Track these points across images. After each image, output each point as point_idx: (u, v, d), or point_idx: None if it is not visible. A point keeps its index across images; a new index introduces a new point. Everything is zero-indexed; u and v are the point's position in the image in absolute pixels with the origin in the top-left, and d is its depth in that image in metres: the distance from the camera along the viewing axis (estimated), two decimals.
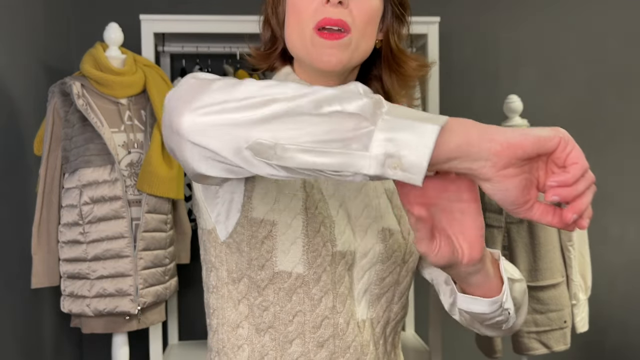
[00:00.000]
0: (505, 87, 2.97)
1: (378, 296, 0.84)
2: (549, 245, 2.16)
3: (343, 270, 0.80)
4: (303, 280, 0.78)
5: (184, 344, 2.74)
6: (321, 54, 0.80)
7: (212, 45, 2.58)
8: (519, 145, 0.55)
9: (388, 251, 0.83)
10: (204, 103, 0.57)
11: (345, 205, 0.83)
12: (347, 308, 0.80)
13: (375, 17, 0.85)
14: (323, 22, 0.79)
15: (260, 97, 0.56)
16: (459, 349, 3.01)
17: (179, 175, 2.13)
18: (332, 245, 0.79)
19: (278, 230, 0.78)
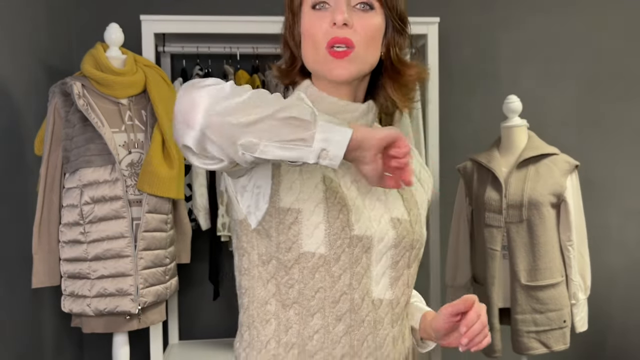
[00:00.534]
0: (504, 88, 2.98)
1: (395, 279, 0.97)
2: (548, 245, 2.16)
3: (360, 252, 0.93)
4: (325, 259, 0.91)
5: (184, 344, 2.74)
6: (333, 69, 0.95)
7: (212, 46, 2.59)
8: (383, 138, 0.82)
9: (399, 237, 0.97)
10: (216, 110, 0.77)
11: (360, 197, 0.96)
12: (363, 286, 0.93)
13: (377, 33, 0.97)
14: (332, 42, 0.94)
15: (250, 107, 0.78)
16: (458, 349, 3.01)
17: (179, 175, 2.14)
18: (350, 230, 0.92)
19: (303, 217, 0.92)
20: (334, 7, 0.95)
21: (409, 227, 0.98)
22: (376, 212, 0.97)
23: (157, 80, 2.16)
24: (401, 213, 0.99)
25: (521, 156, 2.22)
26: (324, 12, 0.95)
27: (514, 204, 2.17)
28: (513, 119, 2.28)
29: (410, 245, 0.99)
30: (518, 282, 2.17)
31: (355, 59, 0.95)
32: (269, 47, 2.62)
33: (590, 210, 3.02)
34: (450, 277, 2.43)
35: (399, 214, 0.99)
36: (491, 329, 2.22)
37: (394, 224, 0.97)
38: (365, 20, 0.95)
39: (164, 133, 2.07)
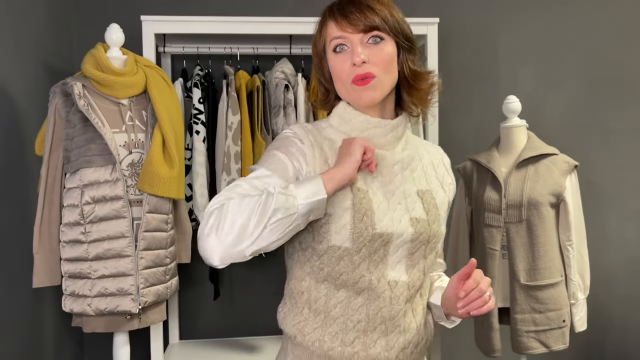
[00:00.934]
0: (504, 88, 2.98)
1: (411, 266, 1.18)
2: (547, 245, 2.17)
3: (379, 245, 1.15)
4: (348, 251, 1.14)
5: (185, 343, 2.75)
6: (361, 97, 1.16)
7: (212, 46, 2.59)
8: (355, 167, 1.13)
9: (416, 233, 1.17)
10: (226, 250, 1.06)
11: (385, 201, 1.17)
12: (379, 270, 1.15)
13: (391, 59, 1.17)
14: (356, 78, 1.15)
15: (250, 228, 1.05)
16: (458, 349, 3.02)
17: (179, 175, 2.14)
18: (372, 229, 1.13)
19: (333, 219, 1.14)
20: (351, 49, 1.15)
21: (426, 226, 1.18)
22: (398, 213, 1.17)
23: (158, 80, 2.17)
24: (420, 213, 1.19)
25: (520, 156, 2.23)
26: (343, 54, 1.16)
27: (513, 204, 2.17)
28: (512, 119, 2.29)
29: (426, 240, 1.19)
30: (517, 282, 2.17)
31: (377, 85, 1.15)
32: (269, 48, 2.62)
33: (590, 210, 3.02)
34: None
35: (418, 214, 1.18)
36: (491, 329, 2.22)
37: (412, 222, 1.17)
38: (379, 52, 1.15)
39: (165, 133, 2.08)
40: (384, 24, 1.15)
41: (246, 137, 2.44)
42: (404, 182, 1.20)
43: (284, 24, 2.40)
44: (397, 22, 1.18)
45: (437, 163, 1.30)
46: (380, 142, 1.21)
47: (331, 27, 1.19)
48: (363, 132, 1.19)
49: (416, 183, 1.22)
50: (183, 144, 2.25)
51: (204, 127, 2.48)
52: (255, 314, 2.88)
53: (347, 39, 1.16)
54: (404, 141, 1.24)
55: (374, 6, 1.16)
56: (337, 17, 1.17)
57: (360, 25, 1.14)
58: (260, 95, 2.46)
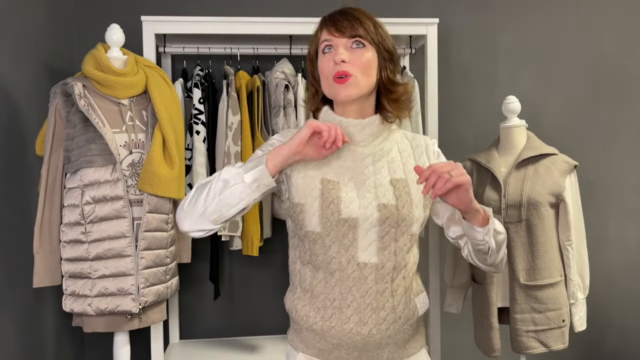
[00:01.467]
0: (503, 88, 2.99)
1: (382, 248, 1.31)
2: (547, 245, 2.17)
3: (347, 230, 1.30)
4: (320, 235, 1.31)
5: (185, 343, 2.75)
6: (338, 93, 1.33)
7: (212, 46, 2.60)
8: (299, 143, 1.28)
9: (382, 218, 1.31)
10: (193, 218, 1.30)
11: (355, 190, 1.33)
12: (349, 253, 1.30)
13: (370, 64, 1.34)
14: (336, 75, 1.32)
15: (209, 200, 1.28)
16: (458, 348, 3.02)
17: (180, 175, 2.15)
18: (338, 214, 1.29)
19: (305, 208, 1.32)
20: (335, 49, 1.34)
21: (394, 210, 1.31)
22: (365, 201, 1.32)
23: (158, 80, 2.17)
24: (389, 200, 1.32)
25: (520, 156, 2.23)
26: (329, 54, 1.35)
27: (513, 204, 2.18)
28: (512, 119, 2.29)
29: (395, 223, 1.32)
30: (517, 282, 2.18)
31: (354, 84, 1.32)
32: (269, 48, 2.63)
33: (589, 210, 3.03)
34: (449, 277, 2.44)
35: (387, 201, 1.32)
36: (490, 328, 2.23)
37: (379, 208, 1.31)
38: (359, 55, 1.33)
39: (165, 133, 2.08)
40: (367, 33, 1.35)
41: (246, 137, 2.44)
42: (375, 172, 1.35)
43: (284, 24, 2.41)
44: (380, 35, 1.38)
45: (420, 153, 1.43)
46: (356, 139, 1.38)
47: (323, 33, 1.38)
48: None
49: (391, 173, 1.36)
50: (183, 144, 2.25)
51: (204, 127, 2.48)
52: (255, 313, 2.89)
53: (334, 42, 1.35)
54: (381, 137, 1.40)
55: (361, 18, 1.37)
56: (328, 25, 1.37)
57: (346, 32, 1.34)
58: (261, 95, 2.47)
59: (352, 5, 1.44)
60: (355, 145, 1.37)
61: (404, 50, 2.75)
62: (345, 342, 1.30)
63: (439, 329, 2.54)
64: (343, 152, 1.36)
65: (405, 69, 2.75)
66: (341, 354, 1.32)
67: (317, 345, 1.34)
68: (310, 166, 1.36)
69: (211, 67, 2.68)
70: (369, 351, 1.32)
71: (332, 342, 1.32)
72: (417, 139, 1.46)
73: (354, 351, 1.31)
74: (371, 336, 1.30)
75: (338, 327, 1.30)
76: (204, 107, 2.50)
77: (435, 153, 1.44)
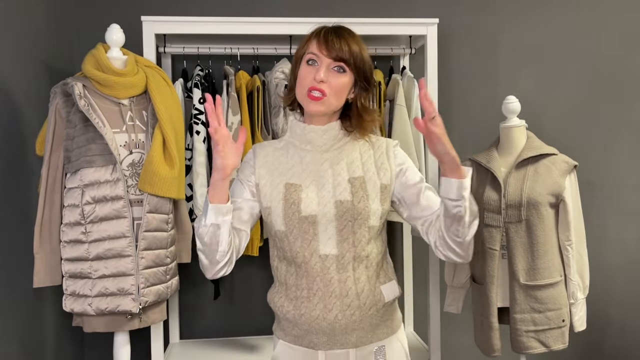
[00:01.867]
0: (503, 88, 2.99)
1: (341, 241, 1.44)
2: (547, 245, 2.17)
3: (308, 226, 1.45)
4: (285, 233, 1.47)
5: (185, 343, 2.75)
6: (309, 106, 1.46)
7: (213, 47, 2.60)
8: (218, 170, 1.38)
9: (339, 213, 1.44)
10: (204, 268, 1.47)
11: (315, 191, 1.48)
12: (311, 246, 1.44)
13: (344, 88, 1.47)
14: (311, 89, 1.45)
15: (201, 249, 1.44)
16: (457, 348, 3.02)
17: (180, 175, 2.15)
18: (299, 213, 1.45)
19: (272, 211, 1.48)
20: (319, 66, 1.45)
21: (350, 206, 1.44)
22: (324, 199, 1.46)
23: (158, 80, 2.17)
24: (345, 197, 1.45)
25: (520, 156, 2.23)
26: (313, 67, 1.46)
27: (512, 204, 2.18)
28: (512, 119, 2.29)
29: (352, 217, 1.44)
30: (517, 282, 2.18)
31: (326, 103, 1.46)
32: (269, 48, 2.63)
33: (589, 210, 3.03)
34: (449, 277, 2.44)
35: (343, 198, 1.45)
36: (490, 328, 2.23)
37: (336, 204, 1.45)
38: (337, 79, 1.45)
39: (165, 133, 2.08)
40: (351, 59, 1.45)
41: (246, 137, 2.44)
42: (334, 174, 1.49)
43: (284, 25, 2.41)
44: (363, 62, 1.48)
45: (380, 153, 1.54)
46: (318, 143, 1.52)
47: (313, 45, 1.47)
48: (305, 136, 1.52)
49: (350, 172, 1.49)
50: (183, 144, 2.25)
51: (204, 127, 2.48)
52: (255, 314, 2.89)
53: (320, 58, 1.46)
54: (342, 141, 1.53)
55: (350, 43, 1.45)
56: (320, 40, 1.46)
57: (333, 53, 1.44)
58: (261, 95, 2.47)
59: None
60: (317, 150, 1.52)
61: (404, 51, 2.75)
62: (314, 328, 1.43)
63: (439, 329, 2.54)
64: (306, 157, 1.51)
65: (405, 69, 2.75)
66: (312, 339, 1.44)
67: (293, 332, 1.48)
68: (275, 174, 1.52)
69: (211, 67, 2.68)
70: (337, 335, 1.43)
71: (304, 328, 1.45)
72: (379, 140, 1.57)
73: (323, 336, 1.43)
74: (337, 321, 1.42)
75: (307, 315, 1.43)
76: (204, 107, 2.50)
77: (396, 154, 1.54)
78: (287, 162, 1.52)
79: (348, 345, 1.44)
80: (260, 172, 1.53)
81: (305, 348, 1.46)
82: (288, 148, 1.55)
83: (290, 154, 1.54)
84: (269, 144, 1.59)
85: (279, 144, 1.59)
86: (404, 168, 1.54)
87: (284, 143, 1.58)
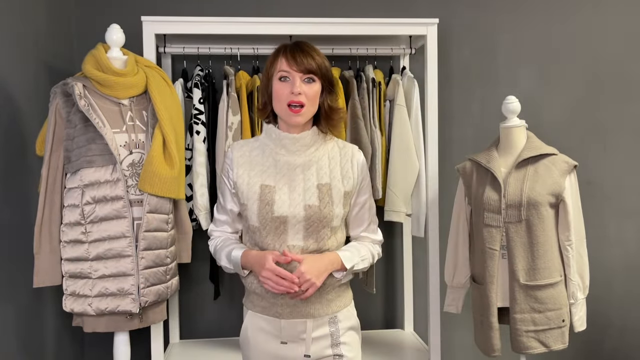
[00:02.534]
0: (503, 88, 2.99)
1: (307, 236, 1.66)
2: (547, 245, 2.17)
3: (279, 224, 1.65)
4: (258, 228, 1.67)
5: (185, 343, 2.75)
6: (291, 118, 1.65)
7: (213, 47, 2.60)
8: (257, 270, 1.69)
9: (307, 215, 1.65)
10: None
11: (288, 193, 1.67)
12: (281, 239, 1.66)
13: (317, 95, 1.68)
14: (290, 102, 1.64)
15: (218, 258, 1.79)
16: (457, 348, 3.02)
17: (180, 175, 2.15)
18: (272, 213, 1.65)
19: (248, 207, 1.68)
20: (292, 81, 1.64)
21: (317, 210, 1.65)
22: (295, 202, 1.66)
23: (158, 80, 2.17)
24: (313, 201, 1.66)
25: (520, 156, 2.23)
26: (285, 83, 1.64)
27: (512, 204, 2.18)
28: (512, 120, 2.29)
29: (318, 219, 1.65)
30: (517, 282, 2.18)
31: (305, 113, 1.65)
32: (269, 48, 2.63)
33: (589, 210, 3.03)
34: (449, 277, 2.44)
35: (312, 202, 1.66)
36: (490, 328, 2.23)
37: (305, 208, 1.65)
38: (310, 88, 1.65)
39: (165, 133, 2.09)
40: (318, 70, 1.65)
41: (246, 137, 2.44)
42: (305, 179, 1.68)
43: (284, 25, 2.41)
44: (327, 70, 1.67)
45: (346, 161, 1.74)
46: (291, 149, 1.70)
47: (281, 62, 1.65)
48: (279, 142, 1.70)
49: (318, 178, 1.69)
50: (183, 144, 2.25)
51: (204, 128, 2.48)
52: None
53: (291, 74, 1.64)
54: (313, 148, 1.72)
55: (314, 56, 1.65)
56: (288, 57, 1.64)
57: (302, 67, 1.63)
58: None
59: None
60: (291, 155, 1.70)
61: (404, 51, 2.75)
62: (279, 302, 1.68)
63: (439, 329, 2.54)
64: (280, 161, 1.69)
65: (405, 69, 2.75)
66: (277, 310, 1.68)
67: (261, 304, 1.71)
68: (252, 174, 1.70)
69: (211, 67, 2.68)
70: (298, 307, 1.67)
71: (270, 301, 1.69)
72: (346, 147, 1.77)
73: (286, 308, 1.68)
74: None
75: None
76: (204, 107, 2.50)
77: (360, 162, 1.75)
78: (263, 164, 1.71)
79: (307, 315, 1.69)
80: (238, 172, 1.71)
81: (271, 317, 1.70)
82: (264, 149, 1.74)
83: (266, 155, 1.72)
84: (246, 143, 1.77)
85: (255, 142, 1.77)
86: (362, 186, 1.78)
87: (259, 143, 1.76)
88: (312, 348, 1.70)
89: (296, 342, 1.70)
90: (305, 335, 1.70)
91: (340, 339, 1.72)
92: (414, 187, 2.62)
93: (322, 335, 1.71)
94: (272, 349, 1.71)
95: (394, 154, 2.60)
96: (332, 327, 1.72)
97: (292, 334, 1.70)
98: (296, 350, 1.70)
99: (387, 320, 3.02)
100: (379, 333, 2.92)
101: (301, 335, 1.70)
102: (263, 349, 1.72)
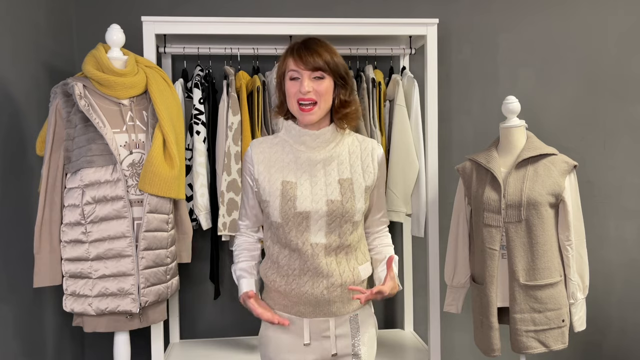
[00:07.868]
0: (503, 88, 2.99)
1: (329, 232, 1.68)
2: (547, 245, 2.17)
3: (301, 219, 1.66)
4: (281, 225, 1.67)
5: (185, 343, 2.76)
6: (303, 118, 1.67)
7: (213, 47, 2.60)
8: (255, 312, 1.70)
9: (330, 210, 1.66)
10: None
11: (310, 188, 1.68)
12: (303, 236, 1.67)
13: (328, 91, 1.67)
14: (299, 100, 1.66)
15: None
16: (457, 348, 3.02)
17: (180, 175, 2.15)
18: (294, 209, 1.66)
19: (270, 204, 1.68)
20: (301, 80, 1.65)
21: (339, 205, 1.67)
22: (317, 197, 1.67)
23: (158, 81, 2.18)
24: (335, 196, 1.67)
25: (520, 156, 2.23)
26: (296, 82, 1.66)
27: (512, 204, 2.18)
28: (512, 120, 2.29)
29: (340, 214, 1.67)
30: (517, 282, 2.18)
31: (316, 111, 1.66)
32: (269, 48, 2.63)
33: (589, 210, 3.03)
34: (449, 276, 2.44)
35: (334, 197, 1.67)
36: (490, 328, 2.23)
37: (327, 203, 1.66)
38: (320, 86, 1.65)
39: (165, 133, 2.09)
40: (326, 66, 1.65)
41: (246, 138, 2.44)
42: (326, 174, 1.70)
43: (284, 25, 2.41)
44: (336, 65, 1.67)
45: (366, 155, 1.75)
46: (311, 145, 1.71)
47: (290, 62, 1.66)
48: (299, 138, 1.71)
49: (339, 173, 1.71)
50: (183, 144, 2.26)
51: (204, 128, 2.48)
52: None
53: (300, 72, 1.65)
54: (333, 143, 1.73)
55: (321, 52, 1.65)
56: (295, 56, 1.66)
57: (310, 65, 1.64)
58: (261, 95, 2.47)
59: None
60: (311, 151, 1.71)
61: (404, 51, 2.75)
62: (302, 300, 1.68)
63: (438, 329, 2.55)
64: (301, 157, 1.70)
65: (405, 69, 2.75)
66: (300, 309, 1.70)
67: (282, 302, 1.72)
68: (273, 170, 1.71)
69: (211, 68, 2.68)
70: (321, 306, 1.69)
71: (293, 300, 1.70)
72: (366, 142, 1.78)
73: (309, 307, 1.69)
74: (322, 296, 1.67)
75: (297, 290, 1.68)
76: (204, 108, 2.50)
77: (380, 156, 1.76)
78: (283, 160, 1.72)
79: (329, 314, 1.70)
80: (258, 169, 1.72)
81: (293, 316, 1.72)
82: (283, 145, 1.74)
83: (286, 151, 1.73)
84: (265, 140, 1.77)
85: (274, 139, 1.77)
86: (380, 179, 1.81)
87: (279, 139, 1.76)
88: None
89: (317, 341, 1.71)
90: (329, 333, 1.71)
91: (359, 338, 1.74)
92: (414, 187, 2.62)
93: (343, 333, 1.73)
94: (294, 347, 1.71)
95: (394, 154, 2.60)
96: (353, 325, 1.74)
97: (315, 332, 1.71)
98: (317, 348, 1.71)
99: (387, 320, 3.03)
100: (379, 333, 2.92)
101: (323, 333, 1.71)
102: (285, 347, 1.72)
